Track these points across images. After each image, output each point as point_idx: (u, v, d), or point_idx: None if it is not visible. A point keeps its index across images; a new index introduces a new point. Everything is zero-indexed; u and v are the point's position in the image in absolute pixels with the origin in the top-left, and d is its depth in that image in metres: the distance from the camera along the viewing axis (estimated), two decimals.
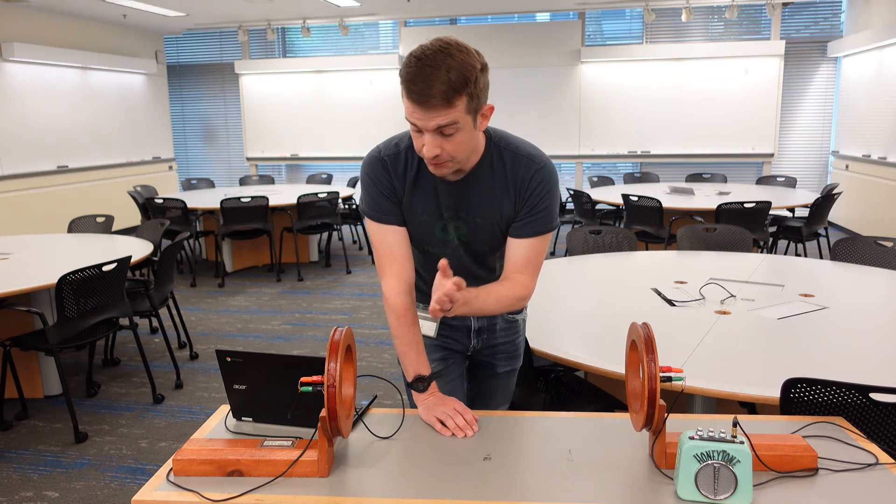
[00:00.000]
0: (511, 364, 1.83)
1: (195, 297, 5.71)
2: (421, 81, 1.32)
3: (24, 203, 7.48)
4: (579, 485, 1.23)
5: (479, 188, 1.55)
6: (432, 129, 1.37)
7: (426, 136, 1.39)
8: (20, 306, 3.21)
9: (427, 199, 1.56)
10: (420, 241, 1.63)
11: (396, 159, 1.55)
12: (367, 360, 4.11)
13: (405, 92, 1.36)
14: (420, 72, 1.33)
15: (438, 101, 1.33)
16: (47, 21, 7.83)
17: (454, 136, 1.39)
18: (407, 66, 1.35)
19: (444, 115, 1.35)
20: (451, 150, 1.41)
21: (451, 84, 1.32)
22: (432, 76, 1.32)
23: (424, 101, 1.34)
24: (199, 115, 10.73)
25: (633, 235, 3.69)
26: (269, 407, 1.49)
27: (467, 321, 1.73)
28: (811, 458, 1.25)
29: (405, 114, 1.40)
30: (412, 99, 1.35)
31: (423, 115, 1.36)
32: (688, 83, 8.73)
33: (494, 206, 1.56)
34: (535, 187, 1.54)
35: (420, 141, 1.41)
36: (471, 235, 1.60)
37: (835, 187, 6.02)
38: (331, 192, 6.43)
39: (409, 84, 1.34)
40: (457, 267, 1.65)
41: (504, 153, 1.54)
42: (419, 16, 9.16)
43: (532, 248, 1.57)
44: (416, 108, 1.35)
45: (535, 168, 1.54)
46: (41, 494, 2.68)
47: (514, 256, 1.57)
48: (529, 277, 1.58)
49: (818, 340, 2.07)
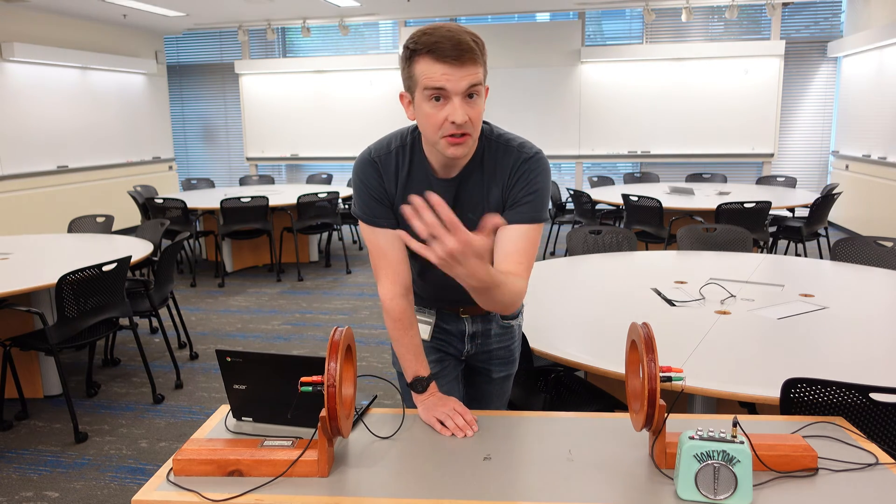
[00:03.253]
0: (506, 370, 1.81)
1: (195, 297, 5.71)
2: (450, 40, 1.31)
3: (24, 203, 7.48)
4: (579, 485, 1.23)
5: (471, 183, 1.52)
6: (464, 89, 1.34)
7: (455, 100, 1.35)
8: (20, 306, 3.21)
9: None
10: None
11: (387, 160, 1.53)
12: (367, 360, 4.11)
13: (429, 56, 1.33)
14: (445, 34, 1.32)
15: (470, 56, 1.32)
16: (47, 21, 7.83)
17: (476, 101, 1.38)
18: (425, 34, 1.33)
19: (475, 73, 1.34)
20: (474, 117, 1.38)
21: (476, 42, 1.34)
22: (458, 36, 1.32)
23: (458, 56, 1.31)
24: (199, 115, 10.73)
25: (633, 235, 3.69)
26: (269, 407, 1.49)
27: (462, 325, 1.72)
28: (811, 458, 1.25)
29: (425, 83, 1.35)
30: (443, 58, 1.32)
31: (456, 74, 1.33)
32: (688, 83, 8.73)
33: (484, 199, 1.53)
34: (523, 173, 1.49)
35: (442, 112, 1.36)
36: None
37: (835, 187, 6.02)
38: (331, 192, 6.43)
39: (436, 45, 1.32)
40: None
41: (494, 144, 1.52)
42: (419, 16, 9.16)
43: (522, 238, 1.47)
44: (447, 67, 1.32)
45: (523, 156, 1.50)
46: (41, 494, 2.68)
47: (504, 246, 1.46)
48: (522, 275, 1.45)
49: (818, 340, 2.07)
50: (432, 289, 1.70)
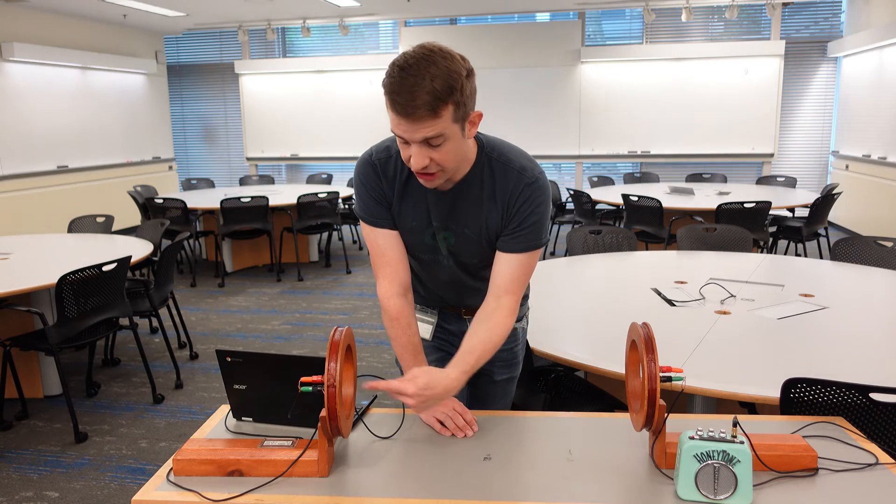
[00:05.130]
0: (509, 372, 1.80)
1: (195, 297, 5.71)
2: (405, 93, 1.27)
3: (24, 203, 7.48)
4: (579, 485, 1.23)
5: (469, 199, 1.51)
6: (419, 140, 1.33)
7: (413, 147, 1.34)
8: (20, 306, 3.21)
9: (416, 207, 1.53)
10: (412, 247, 1.60)
11: (387, 164, 1.52)
12: (367, 360, 4.11)
13: (389, 103, 1.30)
14: (403, 82, 1.27)
15: (423, 111, 1.27)
16: (47, 21, 7.83)
17: (442, 146, 1.34)
18: (390, 77, 1.30)
19: (431, 127, 1.30)
20: (439, 159, 1.36)
21: (435, 94, 1.27)
22: (416, 86, 1.26)
23: (409, 113, 1.28)
24: (199, 115, 10.73)
25: (633, 235, 3.69)
26: (269, 407, 1.49)
27: (463, 326, 1.72)
28: (811, 458, 1.25)
29: (391, 126, 1.35)
30: (396, 111, 1.30)
31: (409, 127, 1.31)
32: (688, 83, 8.73)
33: (481, 218, 1.51)
34: (524, 202, 1.47)
35: (407, 152, 1.37)
36: (458, 246, 1.56)
37: (835, 187, 6.02)
38: (331, 192, 6.43)
39: (392, 95, 1.29)
40: (449, 277, 1.63)
41: (495, 164, 1.49)
42: (419, 16, 9.16)
43: (521, 266, 1.51)
44: (401, 120, 1.30)
45: (525, 181, 1.47)
46: (41, 494, 2.68)
47: (501, 273, 1.51)
48: (516, 298, 1.52)
49: (818, 340, 2.07)
50: (434, 290, 1.70)
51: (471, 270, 1.62)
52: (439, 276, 1.65)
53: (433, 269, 1.63)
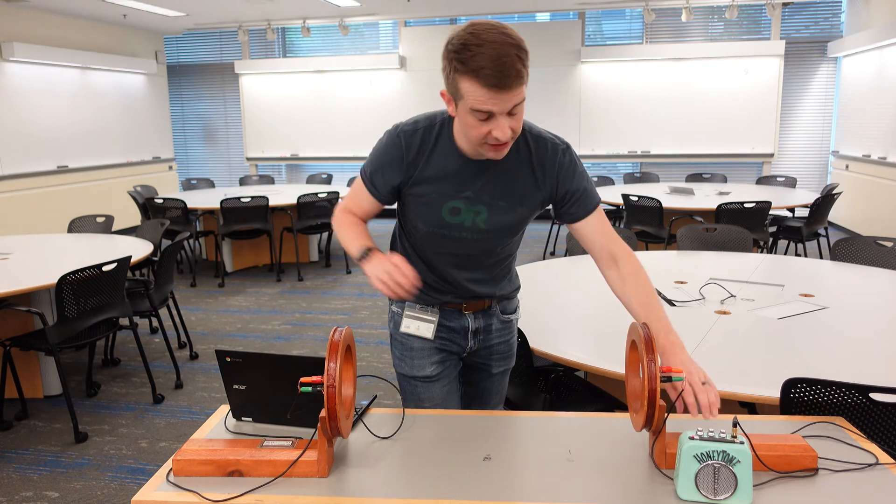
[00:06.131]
0: (505, 364, 1.83)
1: (195, 297, 5.71)
2: (494, 64, 1.27)
3: (24, 203, 7.48)
4: (579, 485, 1.23)
5: (504, 169, 1.54)
6: (509, 109, 1.34)
7: (500, 119, 1.35)
8: (20, 306, 3.21)
9: (441, 180, 1.53)
10: (425, 220, 1.58)
11: (413, 136, 1.52)
12: (367, 360, 4.11)
13: (476, 80, 1.29)
14: (490, 54, 1.28)
15: (515, 80, 1.30)
16: (47, 21, 7.83)
17: (518, 112, 1.37)
18: (468, 50, 1.29)
19: (519, 93, 1.33)
20: (515, 126, 1.39)
21: (522, 61, 1.31)
22: (505, 56, 1.28)
23: (505, 84, 1.29)
24: (199, 115, 10.73)
25: (633, 235, 3.69)
26: (268, 407, 1.49)
27: (464, 322, 1.72)
28: (811, 458, 1.25)
29: (471, 104, 1.33)
30: (489, 84, 1.29)
31: (502, 98, 1.31)
32: (688, 83, 8.73)
33: (518, 189, 1.55)
34: (567, 166, 1.55)
35: (486, 127, 1.36)
36: (491, 220, 1.57)
37: (835, 187, 6.02)
38: (331, 192, 6.43)
39: (482, 71, 1.28)
40: (464, 255, 1.62)
41: (528, 136, 1.54)
42: (419, 16, 9.16)
43: (602, 220, 1.58)
44: (492, 93, 1.30)
45: (560, 149, 1.56)
46: (41, 494, 2.68)
47: (592, 236, 1.58)
48: (623, 246, 1.58)
49: (818, 340, 2.07)
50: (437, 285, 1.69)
51: (488, 247, 1.63)
52: (454, 251, 1.63)
53: (447, 243, 1.61)
